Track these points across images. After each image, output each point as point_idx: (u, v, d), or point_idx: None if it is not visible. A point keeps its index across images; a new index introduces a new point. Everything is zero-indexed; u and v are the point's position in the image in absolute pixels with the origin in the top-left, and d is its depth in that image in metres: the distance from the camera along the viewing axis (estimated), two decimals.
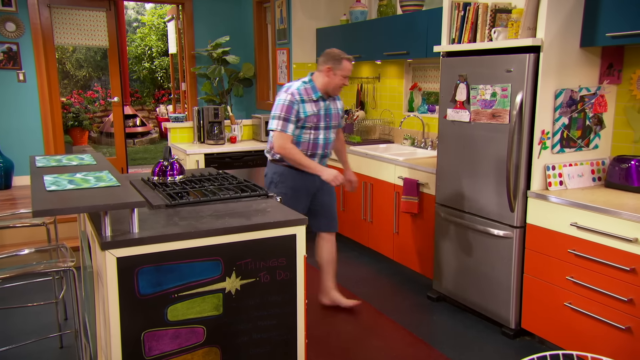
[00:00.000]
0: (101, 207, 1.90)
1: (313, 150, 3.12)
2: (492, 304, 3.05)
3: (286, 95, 3.04)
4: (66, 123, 8.92)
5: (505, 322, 3.02)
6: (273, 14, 5.83)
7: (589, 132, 2.85)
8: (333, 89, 3.10)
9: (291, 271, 2.27)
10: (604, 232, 2.39)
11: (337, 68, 3.05)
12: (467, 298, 3.22)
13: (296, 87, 3.09)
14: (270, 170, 3.22)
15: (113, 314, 1.94)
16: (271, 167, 3.22)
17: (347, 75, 3.09)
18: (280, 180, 3.16)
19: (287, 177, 3.14)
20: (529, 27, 2.68)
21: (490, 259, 3.13)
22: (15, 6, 5.72)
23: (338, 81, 3.07)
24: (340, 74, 3.06)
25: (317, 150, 3.14)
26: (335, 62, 3.05)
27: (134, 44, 11.37)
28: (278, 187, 3.15)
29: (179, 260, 2.04)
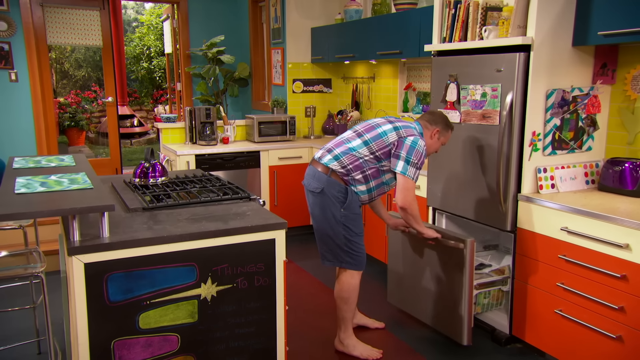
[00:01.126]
0: (66, 211, 1.83)
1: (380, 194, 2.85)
2: None
3: (424, 144, 2.67)
4: (62, 123, 8.88)
5: (499, 327, 2.94)
6: (268, 13, 5.76)
7: (582, 134, 2.76)
8: (430, 153, 2.82)
9: (270, 277, 2.20)
10: (594, 237, 2.31)
11: (444, 135, 2.79)
12: None
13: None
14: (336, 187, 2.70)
15: (81, 322, 1.87)
16: (335, 183, 2.70)
17: (444, 144, 2.88)
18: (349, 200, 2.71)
19: (353, 199, 2.72)
20: (519, 25, 2.60)
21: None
22: (6, 5, 5.66)
23: (437, 147, 2.81)
24: (442, 141, 2.81)
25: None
26: (445, 128, 2.78)
27: (133, 43, 11.32)
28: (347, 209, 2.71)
29: (151, 266, 1.97)
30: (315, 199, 2.78)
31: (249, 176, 4.76)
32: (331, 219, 2.73)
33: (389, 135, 2.66)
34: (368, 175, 2.70)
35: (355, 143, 2.71)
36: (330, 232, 2.76)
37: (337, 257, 2.80)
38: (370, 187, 2.73)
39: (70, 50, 11.29)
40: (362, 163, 2.68)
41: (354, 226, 2.73)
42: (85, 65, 11.73)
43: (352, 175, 2.69)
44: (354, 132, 2.78)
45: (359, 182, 2.70)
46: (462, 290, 2.66)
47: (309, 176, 2.82)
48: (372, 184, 2.73)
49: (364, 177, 2.70)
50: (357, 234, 2.78)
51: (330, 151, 2.76)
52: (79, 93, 9.93)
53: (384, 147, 2.66)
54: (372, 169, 2.69)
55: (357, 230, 2.77)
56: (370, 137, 2.69)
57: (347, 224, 2.71)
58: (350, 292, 2.82)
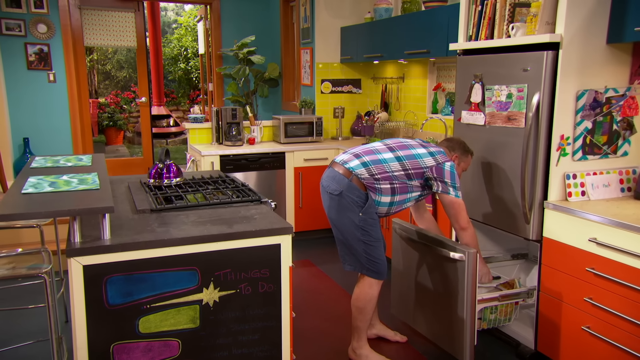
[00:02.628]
0: (64, 212, 1.81)
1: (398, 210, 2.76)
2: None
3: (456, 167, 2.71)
4: (101, 123, 9.10)
5: (524, 342, 2.79)
6: (298, 12, 5.71)
7: (617, 138, 2.58)
8: (460, 173, 2.79)
9: (275, 283, 2.13)
10: (624, 250, 2.14)
11: (463, 160, 2.77)
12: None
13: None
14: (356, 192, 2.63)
15: (79, 325, 1.85)
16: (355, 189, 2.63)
17: (465, 170, 2.85)
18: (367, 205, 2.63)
19: (370, 206, 2.65)
20: (547, 21, 2.45)
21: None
22: (46, 8, 5.81)
23: (459, 173, 2.72)
24: (463, 167, 2.79)
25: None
26: (464, 154, 2.77)
27: (171, 44, 11.51)
28: (365, 214, 2.64)
29: (152, 269, 1.93)
30: (332, 202, 2.70)
31: (274, 178, 4.71)
32: (349, 223, 2.64)
33: (425, 159, 2.63)
34: (396, 188, 2.64)
35: (386, 156, 2.66)
36: (349, 237, 2.67)
37: (358, 263, 2.72)
38: (393, 201, 2.66)
39: (112, 51, 11.56)
40: (391, 176, 2.62)
41: (373, 231, 2.65)
42: (126, 67, 12.00)
43: (379, 184, 2.62)
44: (384, 145, 2.74)
45: (385, 193, 2.63)
46: (464, 305, 2.51)
47: (329, 178, 2.74)
48: (396, 198, 2.66)
49: (391, 189, 2.64)
50: (376, 240, 2.68)
51: (358, 157, 2.69)
52: (119, 93, 10.15)
53: (419, 169, 2.63)
54: (401, 185, 2.64)
55: (376, 235, 2.67)
56: (404, 154, 2.66)
57: (366, 229, 2.63)
58: (367, 302, 2.72)
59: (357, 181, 2.63)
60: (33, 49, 5.82)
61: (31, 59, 5.83)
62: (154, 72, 9.55)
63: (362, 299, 2.72)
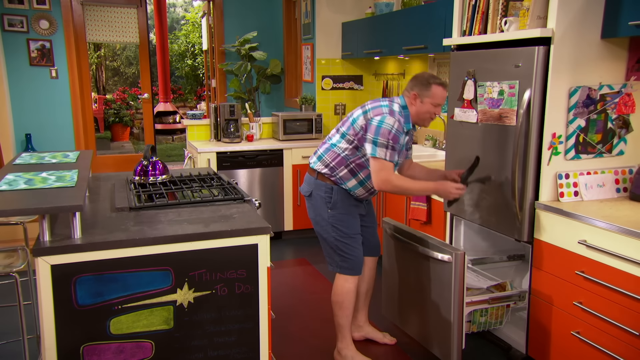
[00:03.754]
0: (31, 210, 1.78)
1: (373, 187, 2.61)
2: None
3: (394, 121, 2.50)
4: (107, 119, 9.12)
5: (515, 346, 2.71)
6: (299, 8, 5.65)
7: (612, 136, 2.48)
8: (422, 120, 2.62)
9: (252, 284, 2.08)
10: (613, 252, 2.05)
11: (425, 95, 2.54)
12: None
13: (399, 113, 2.56)
14: (322, 188, 2.63)
15: (47, 325, 1.82)
16: (322, 185, 2.63)
17: (438, 103, 2.57)
18: (336, 199, 2.61)
19: (342, 199, 2.63)
20: (539, 16, 2.36)
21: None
22: (48, 4, 5.81)
23: (426, 110, 2.57)
24: (429, 102, 2.55)
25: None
26: (423, 88, 2.55)
27: (179, 41, 11.50)
28: (336, 209, 2.62)
29: (123, 269, 1.89)
30: (308, 203, 2.74)
31: (272, 175, 4.66)
32: (321, 221, 2.64)
33: (358, 120, 2.56)
34: (353, 168, 2.58)
35: (335, 139, 2.64)
36: (324, 235, 2.66)
37: (333, 260, 2.69)
38: (361, 179, 2.59)
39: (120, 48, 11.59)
40: (343, 158, 2.57)
41: (345, 227, 2.61)
42: (135, 63, 12.03)
43: (336, 173, 2.59)
44: (335, 129, 2.70)
45: (347, 179, 2.59)
46: (451, 308, 2.44)
47: (304, 181, 2.78)
48: (361, 176, 2.59)
49: (349, 171, 2.59)
50: (348, 236, 2.63)
51: (315, 153, 2.71)
52: (126, 90, 10.17)
53: (358, 134, 2.55)
54: (355, 161, 2.57)
55: (348, 231, 2.63)
56: (345, 128, 2.61)
57: (336, 225, 2.61)
58: (344, 295, 2.67)
59: (322, 177, 2.63)
60: (35, 45, 5.82)
61: (33, 55, 5.83)
62: (160, 68, 9.55)
63: (339, 293, 2.68)
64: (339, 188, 2.60)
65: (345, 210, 2.61)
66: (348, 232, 2.62)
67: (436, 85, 2.54)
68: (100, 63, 11.32)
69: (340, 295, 2.67)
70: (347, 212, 2.61)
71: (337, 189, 2.60)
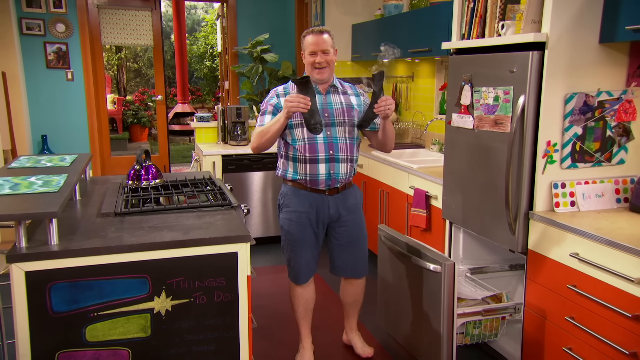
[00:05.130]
0: (4, 217, 1.78)
1: (312, 154, 2.54)
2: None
3: (271, 92, 2.67)
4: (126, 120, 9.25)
5: (510, 359, 2.63)
6: (310, 10, 5.62)
7: (611, 145, 2.38)
8: (310, 73, 2.55)
9: (232, 292, 2.06)
10: (603, 267, 1.96)
11: (303, 47, 2.54)
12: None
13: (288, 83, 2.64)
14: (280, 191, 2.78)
15: (22, 332, 1.82)
16: (282, 188, 2.77)
17: (311, 50, 2.50)
18: (284, 202, 2.69)
19: (290, 199, 2.65)
20: (533, 20, 2.28)
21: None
22: (65, 8, 5.90)
23: (307, 62, 2.54)
24: (306, 54, 2.53)
25: (317, 152, 2.54)
26: (302, 41, 2.56)
27: (198, 42, 11.60)
28: (282, 212, 2.70)
29: (98, 276, 1.89)
30: None
31: (278, 178, 4.64)
32: None
33: None
34: (284, 153, 2.67)
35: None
36: None
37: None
38: (294, 157, 2.61)
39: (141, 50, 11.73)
40: (280, 150, 2.70)
41: (287, 232, 2.67)
42: None
43: (281, 168, 2.70)
44: None
45: (285, 167, 2.68)
46: (440, 319, 2.37)
47: None
48: (290, 154, 2.63)
49: (285, 157, 2.66)
50: (289, 241, 2.67)
51: None
52: (146, 91, 10.30)
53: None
54: (284, 147, 2.66)
55: (289, 236, 2.67)
56: None
57: (283, 227, 2.70)
58: (292, 299, 2.81)
59: (283, 180, 2.74)
60: (52, 47, 5.92)
61: (50, 57, 5.93)
62: (178, 70, 9.64)
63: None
64: (283, 186, 2.73)
65: (289, 210, 2.66)
66: (290, 238, 2.67)
67: (309, 35, 2.55)
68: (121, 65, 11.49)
69: (290, 297, 2.83)
70: (288, 217, 2.66)
71: (283, 187, 2.72)
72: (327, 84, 2.61)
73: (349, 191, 2.70)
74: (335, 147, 2.57)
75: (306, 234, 2.64)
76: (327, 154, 2.57)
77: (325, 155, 2.57)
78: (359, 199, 2.77)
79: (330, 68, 2.57)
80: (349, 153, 2.61)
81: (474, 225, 2.74)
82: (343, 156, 2.59)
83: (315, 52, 2.51)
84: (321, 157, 2.57)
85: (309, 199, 2.62)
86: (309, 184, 2.60)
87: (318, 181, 2.58)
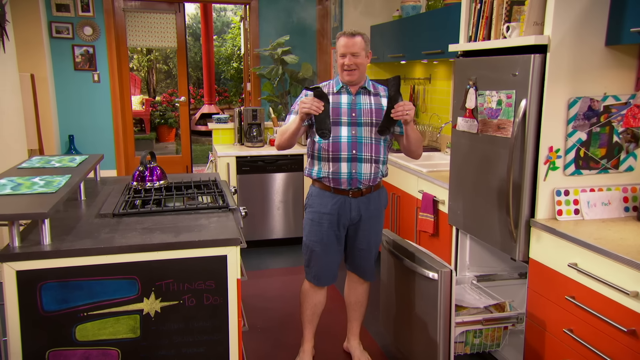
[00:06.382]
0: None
1: (335, 152, 2.55)
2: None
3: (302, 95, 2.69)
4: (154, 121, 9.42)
5: None
6: (329, 11, 5.61)
7: (618, 151, 2.29)
8: (340, 75, 2.59)
9: (221, 295, 2.06)
10: (600, 279, 1.89)
11: (336, 49, 2.57)
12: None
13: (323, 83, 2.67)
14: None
15: (13, 330, 1.87)
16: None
17: (342, 53, 2.52)
18: (308, 203, 2.71)
19: (314, 200, 2.68)
20: (535, 22, 2.21)
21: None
22: (92, 11, 6.05)
23: (338, 63, 2.56)
24: (338, 54, 2.56)
25: (340, 151, 2.55)
26: (336, 43, 2.57)
27: (226, 44, 11.73)
28: (306, 212, 2.72)
29: (88, 276, 1.92)
30: None
31: (291, 180, 4.64)
32: None
33: None
34: (310, 152, 2.70)
35: None
36: None
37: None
38: (319, 156, 2.64)
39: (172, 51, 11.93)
40: (308, 149, 2.73)
41: (307, 232, 2.69)
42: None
43: (308, 167, 2.72)
44: None
45: (312, 166, 2.69)
46: (437, 328, 2.32)
47: None
48: (315, 153, 2.66)
49: (311, 156, 2.69)
50: (309, 242, 2.69)
51: None
52: (174, 92, 10.47)
53: None
54: (311, 146, 2.69)
55: (309, 237, 2.68)
56: None
57: (304, 226, 2.72)
58: (301, 300, 2.82)
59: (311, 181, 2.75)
60: (79, 50, 6.08)
61: (78, 60, 6.09)
62: (205, 71, 9.78)
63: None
64: (310, 187, 2.73)
65: (313, 210, 2.67)
66: (309, 239, 2.68)
67: (341, 37, 2.55)
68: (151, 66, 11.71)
69: (300, 294, 2.83)
70: (310, 218, 2.67)
71: (310, 188, 2.73)
72: (357, 86, 2.61)
73: (374, 195, 2.67)
74: (359, 147, 2.57)
75: (327, 236, 2.64)
76: (350, 153, 2.58)
77: (348, 154, 2.58)
78: (383, 202, 2.74)
79: (360, 70, 2.57)
80: (373, 153, 2.59)
81: (477, 231, 2.68)
82: (366, 156, 2.58)
83: (345, 54, 2.52)
84: (344, 156, 2.58)
85: (332, 200, 2.62)
86: (332, 183, 2.61)
87: (340, 180, 2.59)
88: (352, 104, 2.60)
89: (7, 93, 4.44)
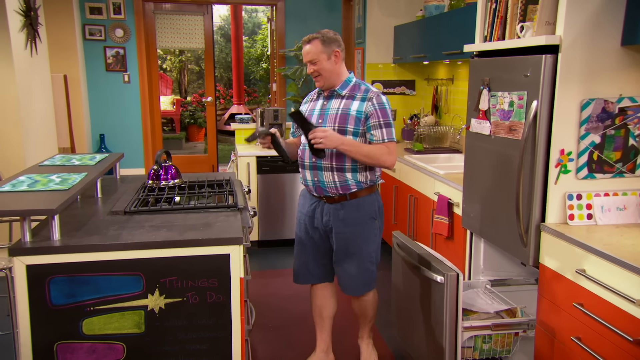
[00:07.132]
0: (5, 212, 1.91)
1: (301, 159, 2.63)
2: None
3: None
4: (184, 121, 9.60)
5: None
6: (353, 12, 5.60)
7: (635, 154, 2.21)
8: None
9: (225, 294, 2.09)
10: (608, 286, 1.83)
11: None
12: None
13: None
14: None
15: (23, 322, 1.94)
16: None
17: (305, 60, 2.49)
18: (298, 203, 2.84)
19: (299, 200, 2.81)
20: (547, 21, 2.16)
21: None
22: (124, 14, 6.20)
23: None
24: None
25: (304, 159, 2.59)
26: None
27: (256, 45, 11.84)
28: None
29: (95, 272, 1.97)
30: None
31: None
32: None
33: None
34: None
35: None
36: None
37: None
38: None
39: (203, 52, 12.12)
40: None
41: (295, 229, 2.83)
42: (218, 66, 12.53)
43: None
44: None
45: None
46: (443, 332, 2.28)
47: None
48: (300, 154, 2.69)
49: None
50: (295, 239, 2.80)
51: None
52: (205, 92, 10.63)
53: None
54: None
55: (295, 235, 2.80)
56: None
57: None
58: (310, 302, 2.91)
59: None
60: (111, 52, 6.24)
61: (109, 61, 6.26)
62: (235, 72, 9.89)
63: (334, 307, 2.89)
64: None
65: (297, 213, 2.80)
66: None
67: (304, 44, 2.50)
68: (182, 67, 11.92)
69: None
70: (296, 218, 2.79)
71: None
72: (328, 90, 2.57)
73: (351, 203, 2.53)
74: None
75: (304, 236, 2.71)
76: (310, 161, 2.56)
77: (309, 162, 2.58)
78: (366, 213, 2.55)
79: (324, 76, 2.48)
80: (335, 162, 2.48)
81: (490, 235, 2.63)
82: (326, 165, 2.50)
83: (307, 62, 2.51)
84: (306, 164, 2.60)
85: (309, 202, 2.69)
86: (307, 189, 2.69)
87: (308, 187, 2.66)
88: (322, 109, 2.56)
89: (39, 93, 4.60)
